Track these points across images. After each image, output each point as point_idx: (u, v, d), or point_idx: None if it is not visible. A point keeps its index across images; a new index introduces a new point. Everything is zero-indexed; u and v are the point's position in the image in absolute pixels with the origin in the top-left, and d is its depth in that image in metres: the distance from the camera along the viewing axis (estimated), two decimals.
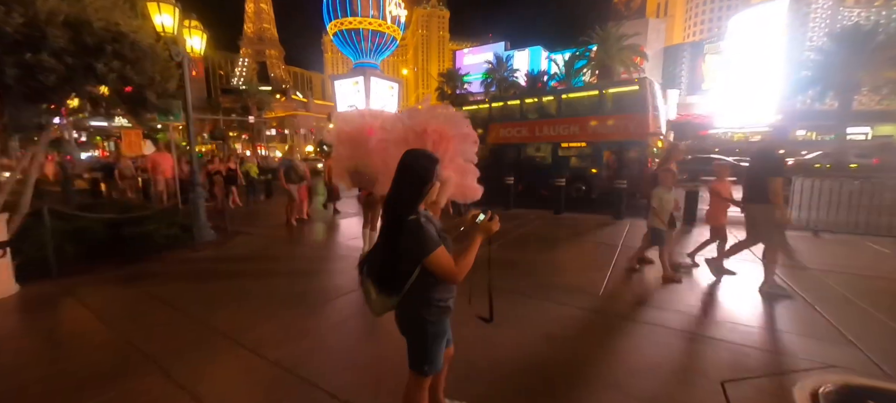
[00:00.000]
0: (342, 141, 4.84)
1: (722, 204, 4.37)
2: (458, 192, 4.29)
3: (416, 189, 1.43)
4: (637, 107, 9.69)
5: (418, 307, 1.50)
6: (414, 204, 1.43)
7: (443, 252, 1.40)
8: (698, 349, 2.74)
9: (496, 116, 12.83)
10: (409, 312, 1.52)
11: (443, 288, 1.51)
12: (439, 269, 1.40)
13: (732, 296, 3.71)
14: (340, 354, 2.70)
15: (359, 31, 50.52)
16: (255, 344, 2.80)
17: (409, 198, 1.42)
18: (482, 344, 2.70)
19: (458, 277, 1.45)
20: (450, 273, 1.42)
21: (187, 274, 4.59)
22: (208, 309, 3.50)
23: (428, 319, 1.51)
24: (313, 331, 3.05)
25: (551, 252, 5.52)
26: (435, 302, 1.51)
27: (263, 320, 3.23)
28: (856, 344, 2.67)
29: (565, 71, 34.21)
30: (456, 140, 4.05)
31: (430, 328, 1.52)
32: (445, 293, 1.53)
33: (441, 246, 1.40)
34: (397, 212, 1.43)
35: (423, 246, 1.37)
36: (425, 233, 1.38)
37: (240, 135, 57.94)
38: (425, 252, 1.37)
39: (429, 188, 1.45)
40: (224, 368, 2.58)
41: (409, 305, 1.51)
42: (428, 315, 1.50)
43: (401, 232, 1.39)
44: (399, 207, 1.43)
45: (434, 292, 1.50)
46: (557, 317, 3.25)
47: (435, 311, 1.51)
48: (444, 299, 1.54)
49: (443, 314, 1.54)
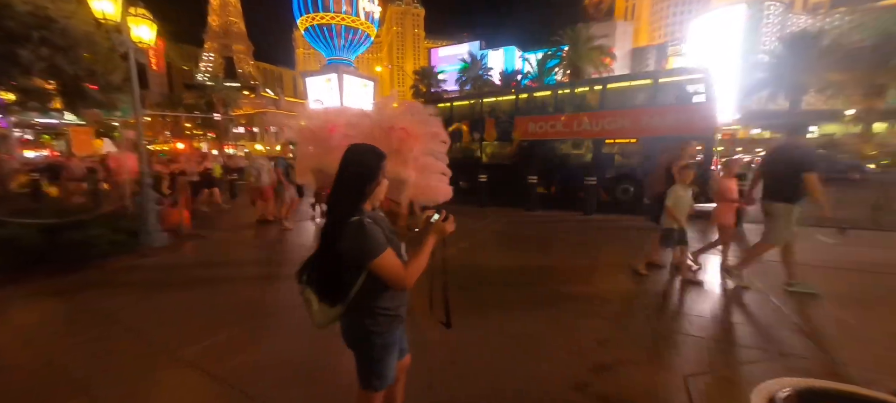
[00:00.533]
0: (305, 138, 4.60)
1: (729, 204, 4.17)
2: (420, 193, 4.19)
3: (359, 187, 1.30)
4: (701, 98, 8.51)
5: (364, 317, 1.36)
6: (356, 204, 1.30)
7: (390, 255, 1.28)
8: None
9: (523, 109, 11.14)
10: (355, 323, 1.39)
11: (391, 295, 1.38)
12: (386, 274, 1.28)
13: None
14: (293, 368, 2.51)
15: (331, 26, 49.28)
16: (198, 359, 2.56)
17: (351, 198, 1.29)
18: (444, 349, 2.59)
19: (408, 282, 1.32)
20: (398, 278, 1.29)
21: (130, 284, 4.21)
22: (150, 321, 3.20)
23: (374, 330, 1.37)
24: (264, 343, 2.83)
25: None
26: (382, 311, 1.37)
27: (210, 332, 2.97)
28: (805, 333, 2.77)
29: (538, 70, 34.75)
30: (423, 139, 3.94)
31: (378, 340, 1.39)
32: (394, 300, 1.40)
33: (388, 249, 1.28)
34: (338, 213, 1.29)
35: (366, 250, 1.24)
36: (369, 235, 1.25)
37: (205, 134, 55.23)
38: (370, 256, 1.24)
39: (373, 186, 1.32)
40: (162, 389, 2.33)
41: (355, 315, 1.37)
42: (374, 325, 1.37)
43: (342, 235, 1.25)
44: (340, 207, 1.29)
45: (381, 300, 1.36)
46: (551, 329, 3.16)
47: (382, 321, 1.38)
48: (394, 307, 1.40)
49: (392, 324, 1.41)
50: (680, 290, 3.78)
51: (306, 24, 43.75)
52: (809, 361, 2.48)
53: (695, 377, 2.29)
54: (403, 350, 1.62)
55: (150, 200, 5.87)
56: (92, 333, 3.02)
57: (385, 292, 1.35)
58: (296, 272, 1.43)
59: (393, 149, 3.71)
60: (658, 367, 2.44)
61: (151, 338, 2.88)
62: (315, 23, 45.99)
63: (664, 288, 3.87)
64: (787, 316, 3.11)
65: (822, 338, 2.74)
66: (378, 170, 1.32)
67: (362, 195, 1.31)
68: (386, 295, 1.36)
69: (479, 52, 46.98)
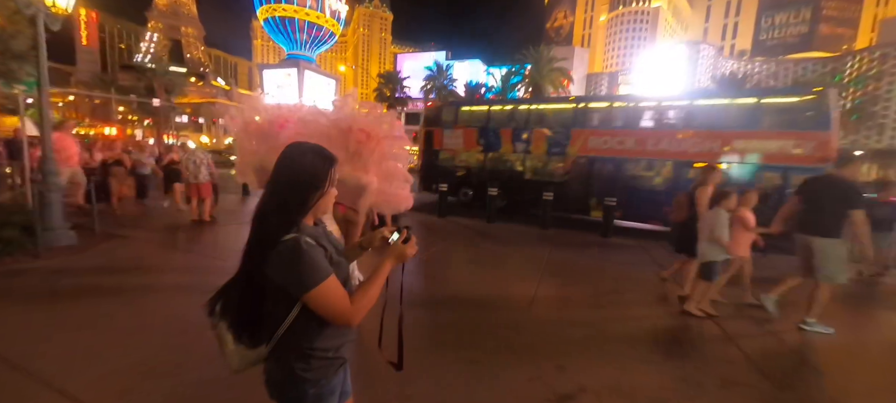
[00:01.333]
0: (249, 132, 4.12)
1: (746, 233, 3.91)
2: (382, 201, 3.87)
3: (300, 197, 1.02)
4: (818, 123, 7.35)
5: (294, 360, 1.05)
6: (292, 219, 1.01)
7: (332, 285, 0.99)
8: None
9: (582, 120, 9.80)
10: (283, 368, 1.06)
11: (331, 333, 1.07)
12: (327, 309, 0.99)
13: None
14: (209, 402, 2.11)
15: (294, 20, 47.08)
16: (82, 392, 2.08)
17: (289, 210, 1.00)
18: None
19: (354, 318, 1.03)
20: (341, 313, 1.00)
21: (14, 292, 3.46)
22: (29, 342, 2.60)
23: (307, 378, 1.05)
24: (175, 372, 2.36)
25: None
26: (319, 353, 1.06)
27: (106, 358, 2.46)
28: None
29: (502, 85, 35.73)
30: (385, 142, 3.65)
31: (311, 389, 1.06)
32: (335, 339, 1.09)
33: (330, 277, 0.99)
34: (267, 230, 0.99)
35: (302, 278, 0.95)
36: (306, 260, 0.95)
37: (141, 120, 49.94)
38: (306, 286, 0.96)
39: (318, 197, 1.04)
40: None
41: (282, 359, 1.06)
42: (307, 371, 1.05)
43: (271, 258, 0.97)
44: (270, 222, 0.99)
45: (318, 340, 1.05)
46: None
47: (319, 366, 1.06)
48: (334, 348, 1.09)
49: (330, 368, 1.10)
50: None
51: (266, 14, 41.54)
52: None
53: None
54: (345, 393, 1.26)
55: (53, 190, 4.99)
56: None
57: (324, 330, 1.05)
58: (207, 302, 1.10)
59: (351, 151, 3.41)
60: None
61: (27, 365, 2.31)
62: (277, 14, 43.74)
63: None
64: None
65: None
66: (324, 176, 1.05)
67: (302, 207, 1.03)
68: (325, 333, 1.06)
69: (444, 62, 47.36)
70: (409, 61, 68.61)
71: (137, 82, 39.82)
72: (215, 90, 68.98)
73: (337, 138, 3.40)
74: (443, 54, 66.01)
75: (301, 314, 1.01)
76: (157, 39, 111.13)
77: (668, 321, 3.62)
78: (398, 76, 45.81)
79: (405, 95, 43.87)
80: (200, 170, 6.70)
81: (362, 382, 1.96)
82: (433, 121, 12.08)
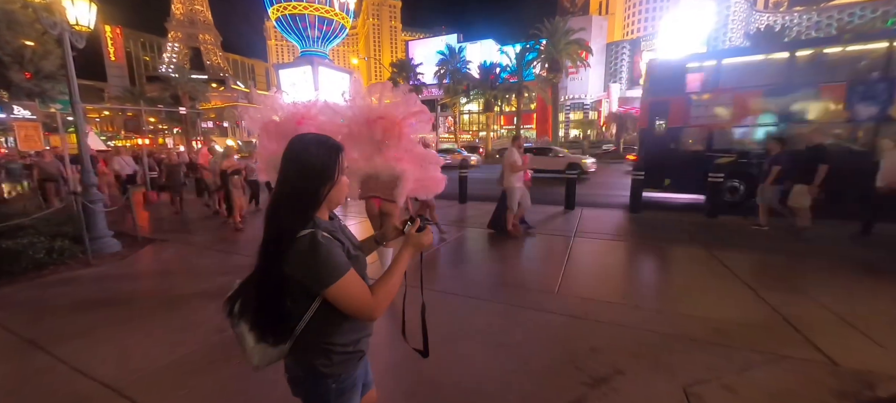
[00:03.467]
0: (269, 132, 4.16)
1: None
2: (418, 186, 3.79)
3: (310, 191, 1.00)
4: None
5: (316, 357, 1.05)
6: (307, 214, 0.99)
7: (353, 279, 0.98)
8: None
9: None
10: (304, 365, 1.07)
11: (351, 327, 1.08)
12: (348, 303, 0.98)
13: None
14: (263, 395, 2.18)
15: (304, 16, 47.35)
16: (135, 390, 2.18)
17: (302, 206, 0.99)
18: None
19: (376, 311, 1.02)
20: (363, 307, 1.00)
21: (69, 298, 3.69)
22: (86, 346, 2.76)
23: (329, 373, 1.06)
24: (215, 372, 2.46)
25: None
26: (340, 348, 1.06)
27: (156, 355, 2.58)
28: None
29: (516, 63, 34.71)
30: (407, 122, 3.54)
31: (334, 384, 1.07)
32: (355, 333, 1.10)
33: (350, 271, 0.98)
34: (283, 226, 0.97)
35: (322, 274, 0.94)
36: (326, 255, 0.94)
37: (170, 129, 52.23)
38: (326, 281, 0.95)
39: (329, 188, 1.02)
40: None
41: (303, 355, 1.06)
42: (329, 367, 1.06)
43: (289, 255, 0.95)
44: (284, 219, 0.98)
45: (339, 335, 1.06)
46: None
47: (340, 361, 1.07)
48: (354, 342, 1.10)
49: (350, 362, 1.10)
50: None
51: (277, 13, 41.96)
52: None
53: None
54: (367, 385, 1.32)
55: (96, 201, 5.28)
56: (11, 368, 2.55)
57: (344, 324, 1.05)
58: (225, 301, 1.10)
59: (378, 140, 3.35)
60: None
61: (83, 371, 2.45)
62: (287, 12, 44.12)
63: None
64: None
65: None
66: (334, 166, 1.02)
67: (314, 201, 1.00)
68: (345, 327, 1.06)
69: (457, 45, 46.48)
70: (420, 47, 67.90)
71: (163, 92, 41.52)
72: (236, 94, 70.98)
73: (361, 132, 3.35)
74: (454, 37, 64.86)
75: (320, 310, 1.01)
76: (178, 49, 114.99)
77: None
78: (411, 63, 45.41)
79: (419, 82, 43.52)
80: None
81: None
82: (667, 86, 8.28)
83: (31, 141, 9.43)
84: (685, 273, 4.14)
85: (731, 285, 3.67)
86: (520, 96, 35.50)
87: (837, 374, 2.26)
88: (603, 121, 58.94)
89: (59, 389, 2.27)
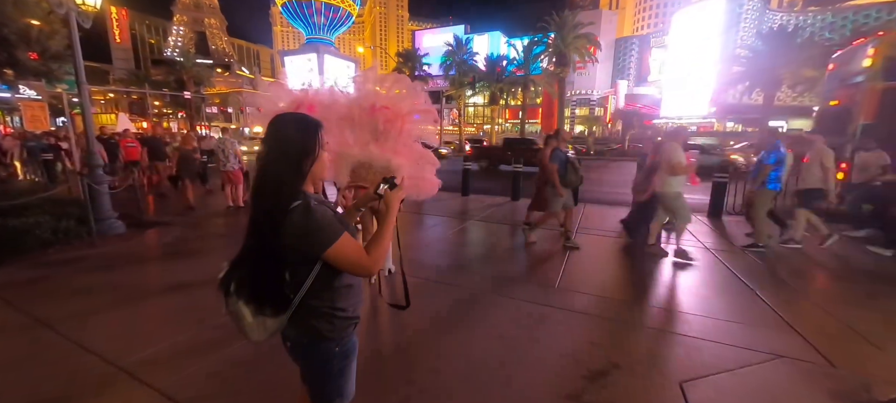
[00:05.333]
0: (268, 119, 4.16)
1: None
2: (411, 186, 3.73)
3: (293, 165, 1.05)
4: None
5: (317, 321, 1.12)
6: (296, 186, 1.05)
7: (348, 239, 1.06)
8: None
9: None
10: (307, 330, 1.13)
11: (346, 292, 1.16)
12: (347, 262, 1.06)
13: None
14: (260, 376, 2.21)
15: (310, 3, 46.99)
16: (137, 369, 2.22)
17: (289, 180, 1.04)
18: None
19: (374, 267, 1.11)
20: (361, 263, 1.07)
21: (75, 278, 3.74)
22: (91, 325, 2.80)
23: (331, 336, 1.14)
24: (220, 347, 2.49)
25: None
26: (339, 313, 1.14)
27: (158, 336, 2.62)
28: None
29: (524, 56, 34.33)
30: (410, 117, 3.50)
31: (336, 347, 1.16)
32: (350, 298, 1.17)
33: (345, 232, 1.05)
34: (273, 200, 1.02)
35: (322, 238, 1.02)
36: (321, 219, 1.02)
37: (175, 113, 52.28)
38: (325, 243, 1.02)
39: (311, 161, 1.07)
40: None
41: (305, 321, 1.12)
42: (331, 331, 1.14)
43: (285, 226, 1.00)
44: (274, 192, 1.03)
45: (337, 299, 1.13)
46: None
47: (340, 325, 1.15)
48: (351, 307, 1.18)
49: (349, 327, 1.19)
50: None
51: None
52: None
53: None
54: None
55: (101, 182, 5.31)
56: (16, 345, 2.60)
57: (340, 289, 1.14)
58: (219, 280, 1.12)
59: (380, 130, 3.32)
60: None
61: (86, 341, 2.49)
62: None
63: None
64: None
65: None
66: (314, 141, 1.07)
67: (299, 175, 1.05)
68: (341, 292, 1.14)
69: (464, 36, 45.97)
70: (427, 38, 67.28)
71: (168, 76, 41.47)
72: (241, 79, 70.85)
73: (361, 118, 3.30)
74: (461, 28, 64.15)
75: (320, 275, 1.07)
76: (183, 33, 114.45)
77: None
78: (417, 53, 45.03)
79: (425, 73, 43.18)
80: (230, 158, 6.92)
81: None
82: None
83: (37, 121, 9.47)
84: (685, 272, 4.14)
85: (731, 285, 3.68)
86: (526, 90, 35.14)
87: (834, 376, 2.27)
88: (609, 117, 58.46)
89: (62, 364, 2.31)
